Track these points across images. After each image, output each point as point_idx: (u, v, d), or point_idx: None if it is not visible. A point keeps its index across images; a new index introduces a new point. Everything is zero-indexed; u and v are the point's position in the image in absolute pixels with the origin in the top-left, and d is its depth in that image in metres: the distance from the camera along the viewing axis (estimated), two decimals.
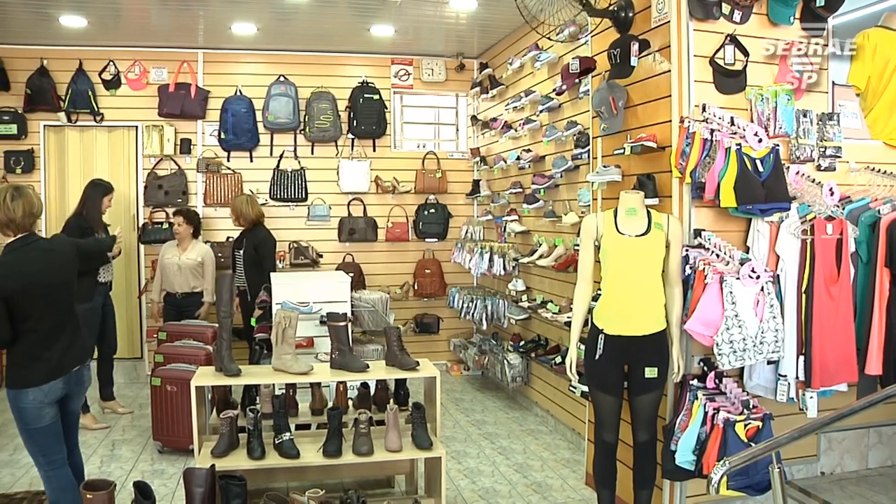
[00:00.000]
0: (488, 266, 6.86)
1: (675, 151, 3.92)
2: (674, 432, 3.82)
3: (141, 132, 7.76)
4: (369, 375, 4.29)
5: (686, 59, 3.98)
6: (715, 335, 3.59)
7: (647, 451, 3.90)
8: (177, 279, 6.62)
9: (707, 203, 3.88)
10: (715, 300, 3.63)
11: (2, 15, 6.65)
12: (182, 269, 6.60)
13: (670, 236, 3.79)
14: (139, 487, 3.74)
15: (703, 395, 3.78)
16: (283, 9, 6.55)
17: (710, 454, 3.58)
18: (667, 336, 3.83)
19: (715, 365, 3.81)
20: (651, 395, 3.82)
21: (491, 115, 7.67)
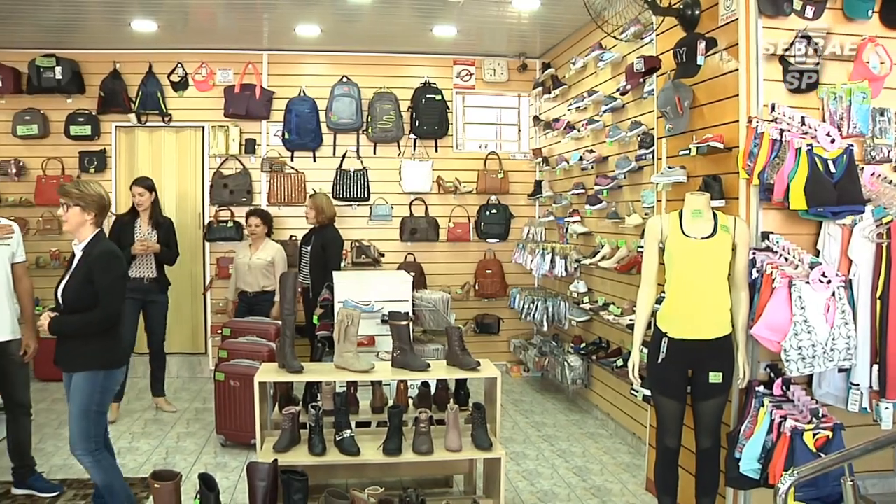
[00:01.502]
0: (550, 267, 6.82)
1: (743, 152, 3.83)
2: (738, 439, 3.72)
3: (207, 132, 7.95)
4: (430, 375, 4.30)
5: (755, 58, 3.88)
6: (782, 341, 3.49)
7: (710, 458, 3.82)
8: (247, 278, 6.73)
9: (775, 205, 3.78)
10: (783, 305, 3.53)
11: (79, 22, 6.93)
12: (252, 269, 6.70)
13: (737, 239, 3.71)
14: (204, 479, 3.84)
15: (770, 403, 3.67)
16: (347, 10, 6.63)
17: (777, 463, 3.48)
18: (732, 341, 3.75)
19: (782, 371, 3.69)
20: (715, 400, 3.75)
21: (553, 115, 7.62)
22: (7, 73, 7.63)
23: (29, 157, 7.80)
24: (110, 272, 3.76)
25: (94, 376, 3.76)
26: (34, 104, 7.75)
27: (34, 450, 5.12)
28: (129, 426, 6.24)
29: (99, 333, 3.76)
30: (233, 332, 5.99)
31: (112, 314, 3.76)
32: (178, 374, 8.03)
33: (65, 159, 7.81)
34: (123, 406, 6.74)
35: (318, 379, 4.51)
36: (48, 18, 6.77)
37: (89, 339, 3.76)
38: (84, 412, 3.78)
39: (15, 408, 4.71)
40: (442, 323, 5.82)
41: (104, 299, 3.71)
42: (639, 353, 4.02)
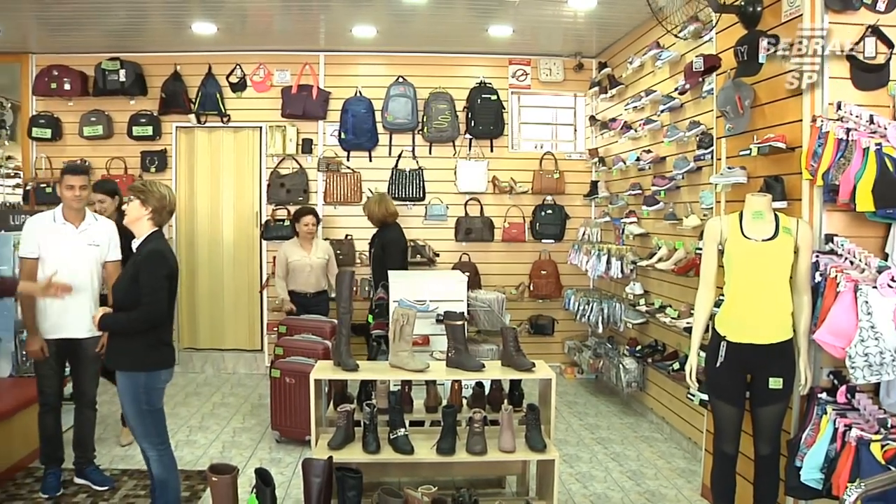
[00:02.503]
0: (605, 268, 6.75)
1: (807, 152, 3.73)
2: (799, 447, 3.62)
3: (265, 132, 8.07)
4: (485, 375, 4.29)
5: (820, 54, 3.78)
6: (847, 347, 3.38)
7: (769, 466, 3.75)
8: (310, 279, 6.76)
9: (840, 207, 3.65)
10: (848, 310, 3.42)
11: (142, 26, 7.14)
12: (314, 269, 6.74)
13: (800, 241, 3.63)
14: (260, 474, 3.89)
15: (833, 410, 3.56)
16: (403, 10, 6.66)
17: (841, 474, 3.37)
18: (793, 346, 3.67)
19: (847, 378, 3.57)
20: (775, 406, 3.67)
21: (610, 115, 7.54)
22: (75, 77, 7.89)
23: (94, 157, 8.04)
24: (154, 272, 3.76)
25: (135, 376, 3.80)
26: (99, 106, 8.00)
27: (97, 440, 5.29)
28: (187, 420, 6.38)
29: (142, 333, 3.78)
30: (289, 329, 6.07)
31: (154, 314, 3.76)
32: (235, 371, 8.19)
33: (127, 159, 8.03)
34: (181, 400, 6.92)
35: (373, 377, 4.53)
36: (113, 23, 7.00)
37: (132, 339, 3.79)
38: (136, 412, 3.85)
39: (82, 401, 4.88)
40: (496, 323, 5.80)
41: (146, 299, 3.72)
42: (696, 357, 3.96)
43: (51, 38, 7.56)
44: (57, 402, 4.73)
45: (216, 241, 8.26)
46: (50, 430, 4.72)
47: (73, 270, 4.57)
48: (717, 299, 3.96)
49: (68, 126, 8.05)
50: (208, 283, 8.24)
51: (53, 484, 4.67)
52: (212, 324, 8.29)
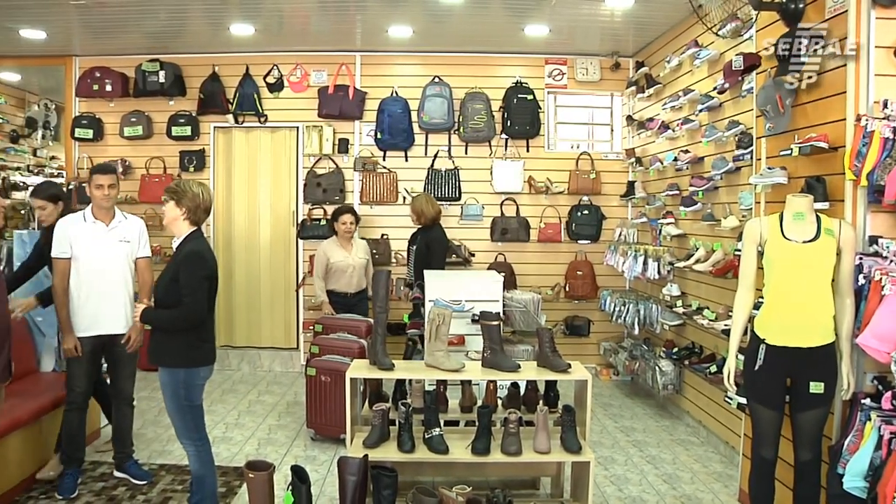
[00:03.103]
0: (642, 269, 6.68)
1: (850, 152, 3.65)
2: (841, 454, 3.53)
3: (301, 132, 8.14)
4: (520, 375, 4.28)
5: (865, 52, 3.70)
6: (892, 352, 3.30)
7: (809, 472, 3.67)
8: (352, 280, 6.77)
9: (886, 208, 3.57)
10: (893, 313, 3.34)
11: (181, 28, 7.27)
12: (356, 270, 6.76)
13: (842, 243, 3.55)
14: (296, 471, 3.92)
15: (878, 417, 3.46)
16: (439, 11, 6.68)
17: (888, 483, 3.26)
18: (835, 349, 3.59)
19: (892, 384, 3.50)
20: (816, 411, 3.60)
21: (647, 114, 7.47)
22: (116, 78, 8.05)
23: (134, 157, 8.22)
24: (193, 272, 3.82)
25: (174, 373, 3.87)
26: (139, 106, 8.15)
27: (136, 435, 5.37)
28: (224, 416, 6.45)
29: (182, 331, 3.85)
30: (325, 328, 6.10)
31: (194, 313, 3.82)
32: (271, 369, 8.26)
33: (166, 159, 8.19)
34: (218, 397, 7.01)
35: (408, 376, 4.55)
36: (153, 26, 7.14)
37: (172, 336, 3.87)
38: (176, 407, 3.93)
39: (119, 397, 4.96)
40: (532, 324, 5.78)
41: (185, 299, 3.78)
42: (735, 360, 3.90)
43: (93, 40, 7.73)
44: (84, 401, 4.79)
45: (253, 240, 8.35)
46: (74, 428, 4.77)
47: (105, 267, 4.69)
48: (756, 301, 3.90)
49: (109, 126, 8.22)
50: (245, 281, 8.34)
51: (70, 485, 4.70)
52: (248, 322, 8.38)
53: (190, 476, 4.17)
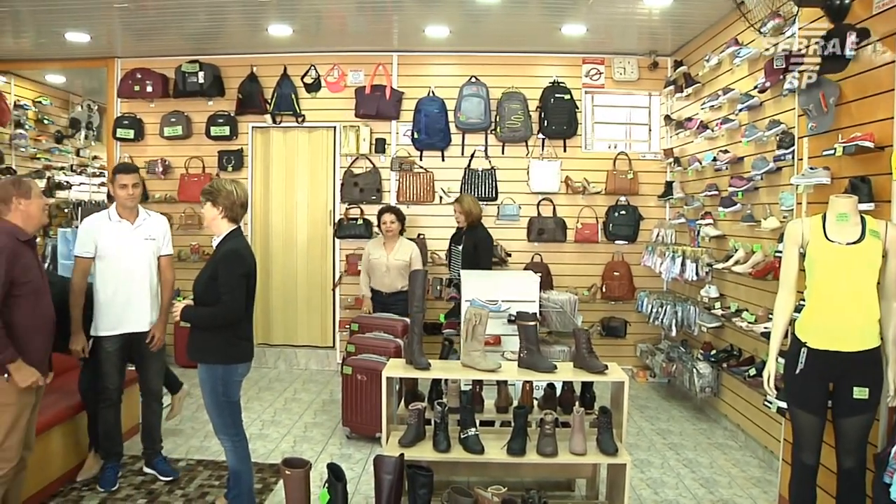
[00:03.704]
0: (680, 271, 6.61)
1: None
2: (888, 463, 3.43)
3: (339, 132, 8.18)
4: (557, 376, 4.26)
5: None
6: None
7: (853, 480, 3.60)
8: (385, 279, 6.78)
9: None
10: None
11: (220, 29, 7.36)
12: (390, 270, 6.76)
13: (888, 245, 3.48)
14: (332, 469, 3.94)
15: None
16: (475, 11, 6.67)
17: None
18: (881, 354, 3.52)
19: None
20: (860, 417, 3.52)
21: (685, 114, 7.40)
22: (157, 79, 8.18)
23: (174, 157, 8.35)
24: (232, 270, 3.87)
25: (213, 369, 3.94)
26: (179, 107, 8.27)
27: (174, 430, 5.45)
28: (260, 414, 6.51)
29: (220, 328, 3.91)
30: (361, 327, 6.14)
31: (232, 311, 3.86)
32: (307, 367, 8.32)
33: (205, 158, 8.30)
34: (254, 394, 7.09)
35: (444, 376, 4.55)
36: (193, 27, 7.24)
37: (211, 334, 3.93)
38: (214, 403, 3.99)
39: (148, 394, 5.04)
40: (568, 324, 5.75)
41: (224, 297, 3.84)
42: (775, 363, 3.85)
43: (135, 42, 7.87)
44: (117, 397, 4.87)
45: (290, 239, 8.42)
46: (110, 424, 4.85)
47: (131, 266, 4.75)
48: (797, 304, 3.84)
49: (150, 126, 8.36)
50: (282, 280, 8.41)
51: (111, 478, 4.81)
52: (285, 320, 8.46)
53: (227, 472, 4.23)
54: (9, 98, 8.90)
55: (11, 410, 3.64)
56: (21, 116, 9.19)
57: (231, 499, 4.12)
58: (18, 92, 9.25)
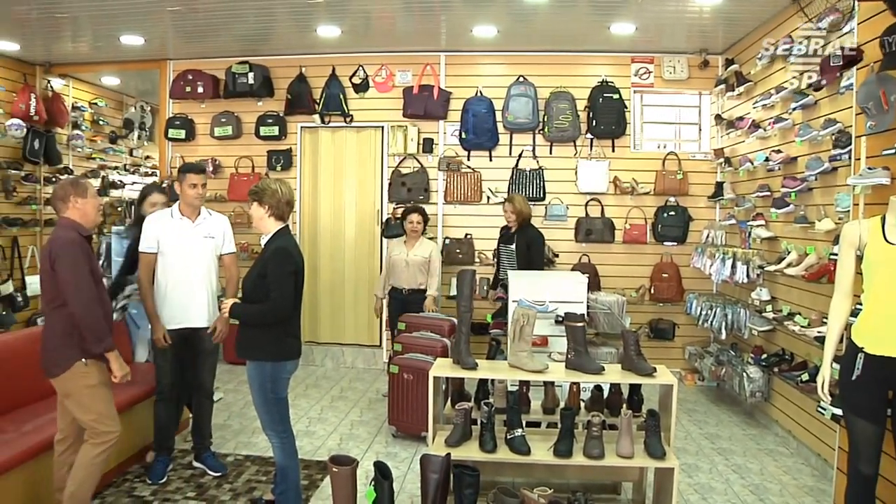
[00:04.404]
0: (730, 272, 6.50)
1: None
2: None
3: (386, 132, 8.22)
4: (604, 378, 4.23)
5: None
6: None
7: None
8: (403, 275, 6.82)
9: None
10: None
11: (270, 31, 7.46)
12: (409, 266, 6.79)
13: None
14: (379, 467, 3.96)
15: None
16: (523, 10, 6.65)
17: None
18: None
19: None
20: None
21: (737, 113, 7.26)
22: (208, 80, 8.32)
23: (224, 156, 8.50)
24: (281, 268, 3.91)
25: (262, 366, 3.99)
26: (229, 107, 8.41)
27: (222, 426, 5.54)
28: (307, 411, 6.57)
29: (269, 326, 3.96)
30: (408, 326, 6.15)
31: (281, 308, 3.91)
32: (353, 365, 8.38)
33: (255, 158, 8.43)
34: (301, 392, 7.16)
35: (491, 376, 4.54)
36: (243, 29, 7.35)
37: (260, 331, 3.98)
38: (263, 399, 4.04)
39: (199, 391, 5.12)
40: (616, 326, 5.71)
41: (273, 293, 3.89)
42: (829, 369, 3.74)
43: (186, 45, 8.03)
44: (171, 392, 4.97)
45: (338, 238, 8.48)
46: (163, 419, 4.97)
47: (190, 263, 4.86)
48: (853, 308, 3.74)
49: (200, 127, 8.52)
50: (330, 278, 8.48)
51: (160, 471, 4.91)
52: (332, 319, 8.53)
53: (274, 467, 4.28)
54: (67, 100, 9.15)
55: (101, 388, 4.00)
56: (78, 118, 9.46)
57: (278, 494, 4.17)
58: (76, 94, 9.52)
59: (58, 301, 3.88)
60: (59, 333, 3.92)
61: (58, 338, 3.93)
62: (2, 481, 3.86)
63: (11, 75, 8.43)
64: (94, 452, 3.96)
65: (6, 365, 4.76)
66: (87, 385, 3.94)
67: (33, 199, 8.72)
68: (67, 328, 3.89)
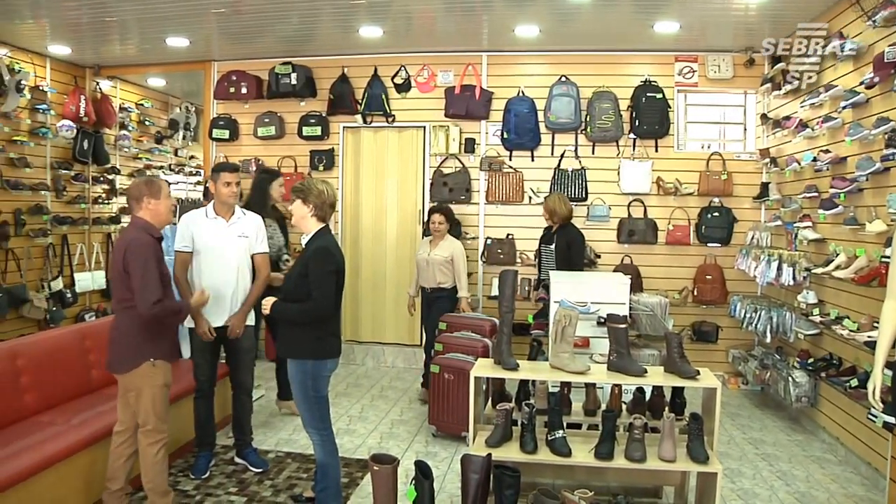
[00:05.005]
0: (776, 275, 6.38)
1: None
2: None
3: (428, 132, 8.24)
4: (647, 381, 4.18)
5: None
6: None
7: None
8: (424, 274, 6.83)
9: None
10: None
11: (312, 32, 7.53)
12: (430, 265, 6.78)
13: None
14: (420, 466, 3.96)
15: None
16: (566, 9, 6.61)
17: None
18: None
19: None
20: None
21: (783, 112, 7.13)
22: (251, 81, 8.42)
23: (267, 156, 8.58)
24: (322, 267, 3.96)
25: (303, 364, 4.03)
26: (272, 108, 8.50)
27: (264, 424, 5.58)
28: (348, 409, 6.61)
29: (309, 324, 4.00)
30: (449, 326, 6.16)
31: (322, 307, 3.95)
32: (394, 364, 8.41)
33: (297, 158, 8.51)
34: (342, 390, 7.21)
35: (532, 377, 4.52)
36: (286, 30, 7.44)
37: (302, 329, 4.01)
38: (303, 397, 4.08)
39: (238, 388, 5.19)
40: (659, 328, 5.64)
41: (314, 293, 3.93)
42: (881, 375, 3.64)
43: (230, 46, 8.14)
44: (210, 389, 5.06)
45: (379, 238, 8.52)
46: (202, 415, 5.06)
47: (224, 262, 4.92)
48: None
49: (244, 127, 8.63)
50: (371, 278, 8.52)
51: (202, 466, 5.00)
52: (373, 318, 8.56)
53: (315, 465, 4.31)
54: (114, 102, 9.33)
55: (163, 389, 4.14)
56: (125, 118, 9.65)
57: (318, 491, 4.20)
58: (123, 95, 9.72)
59: (128, 301, 4.00)
60: (128, 332, 4.05)
61: (127, 337, 4.06)
62: (52, 472, 3.97)
63: (63, 78, 8.63)
64: (153, 451, 4.10)
65: (56, 360, 4.91)
66: (151, 385, 4.07)
67: (82, 198, 8.92)
68: (136, 328, 4.02)
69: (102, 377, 5.18)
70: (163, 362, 4.11)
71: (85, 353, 5.21)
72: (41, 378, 4.71)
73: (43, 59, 8.30)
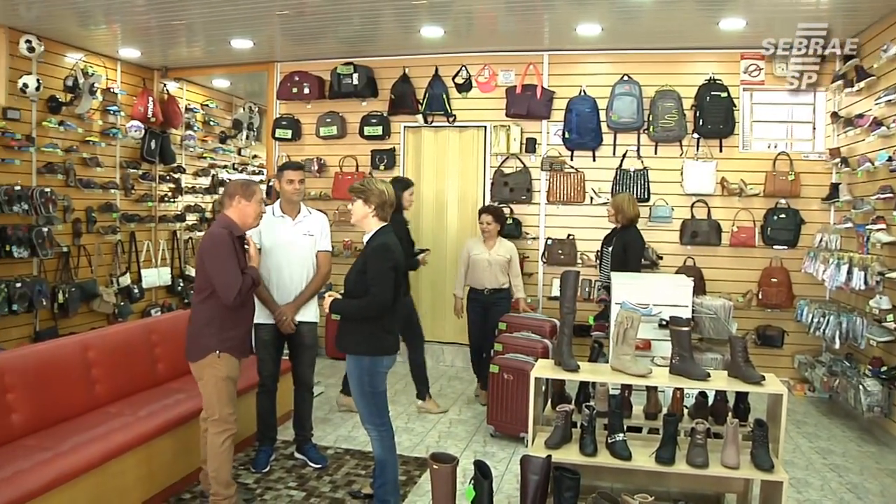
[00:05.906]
0: (846, 279, 6.19)
1: None
2: None
3: (489, 132, 8.23)
4: (710, 385, 4.09)
5: None
6: None
7: None
8: (486, 275, 6.75)
9: None
10: None
11: (374, 32, 7.61)
12: (492, 265, 6.72)
13: None
14: (479, 466, 3.95)
15: None
16: (628, 7, 6.54)
17: None
18: None
19: None
20: None
21: (856, 110, 6.90)
22: (314, 82, 8.54)
23: (328, 156, 8.72)
24: (381, 264, 4.01)
25: (360, 360, 4.09)
26: (334, 108, 8.62)
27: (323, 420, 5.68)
28: (407, 407, 6.65)
29: (368, 320, 4.05)
30: (509, 326, 6.15)
31: (380, 303, 4.01)
32: (453, 364, 8.43)
33: (359, 157, 8.62)
34: (401, 388, 7.24)
35: (593, 379, 4.46)
36: (348, 31, 7.53)
37: (359, 325, 4.07)
38: (360, 393, 4.14)
39: (299, 384, 5.28)
40: (722, 332, 5.52)
41: (373, 289, 3.99)
42: None
43: (293, 47, 8.29)
44: (272, 385, 5.14)
45: (440, 237, 8.54)
46: (265, 410, 5.15)
47: (290, 260, 5.02)
48: None
49: (306, 127, 8.76)
50: (432, 277, 8.55)
51: (263, 461, 5.10)
52: (433, 317, 8.58)
53: (373, 462, 4.34)
54: (181, 103, 9.57)
55: (226, 382, 4.24)
56: (191, 119, 9.89)
57: (376, 488, 4.24)
58: (189, 96, 9.98)
59: (204, 293, 4.19)
60: (198, 323, 4.24)
61: (199, 327, 4.23)
62: (118, 463, 4.10)
63: (132, 80, 8.90)
64: (218, 441, 4.21)
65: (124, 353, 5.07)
66: (214, 375, 4.20)
67: (149, 197, 9.17)
68: (208, 319, 4.19)
69: (168, 371, 5.36)
70: (228, 355, 4.22)
71: (151, 347, 5.37)
72: (110, 370, 4.89)
73: (114, 63, 8.58)
